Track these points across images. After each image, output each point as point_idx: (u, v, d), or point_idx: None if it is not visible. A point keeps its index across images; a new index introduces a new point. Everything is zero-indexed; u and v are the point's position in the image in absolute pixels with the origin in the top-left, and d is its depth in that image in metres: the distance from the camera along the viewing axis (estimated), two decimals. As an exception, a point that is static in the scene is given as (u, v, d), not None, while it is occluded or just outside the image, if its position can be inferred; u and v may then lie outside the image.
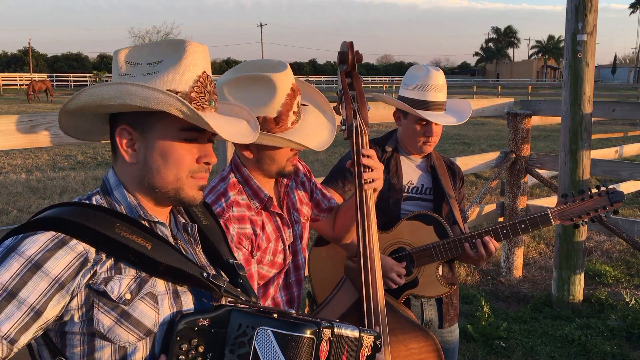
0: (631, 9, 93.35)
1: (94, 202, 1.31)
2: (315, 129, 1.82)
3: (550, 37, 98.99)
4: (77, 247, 1.19)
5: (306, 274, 2.10)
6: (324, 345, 1.24)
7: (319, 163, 11.33)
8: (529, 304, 4.74)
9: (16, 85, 47.57)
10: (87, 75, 55.31)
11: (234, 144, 1.84)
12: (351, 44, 1.86)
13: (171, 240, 1.35)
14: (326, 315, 1.92)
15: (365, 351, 1.42)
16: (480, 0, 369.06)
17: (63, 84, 54.06)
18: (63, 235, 1.19)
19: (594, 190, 2.37)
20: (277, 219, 1.88)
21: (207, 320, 1.23)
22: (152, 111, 1.25)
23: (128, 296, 1.21)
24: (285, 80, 1.73)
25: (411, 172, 2.47)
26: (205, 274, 1.29)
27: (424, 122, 2.36)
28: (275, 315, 1.24)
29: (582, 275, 4.69)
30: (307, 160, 11.76)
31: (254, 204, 1.81)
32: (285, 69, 1.74)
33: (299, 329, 1.20)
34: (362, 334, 1.41)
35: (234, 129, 1.34)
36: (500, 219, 5.42)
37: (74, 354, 1.22)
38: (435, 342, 1.96)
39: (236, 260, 1.50)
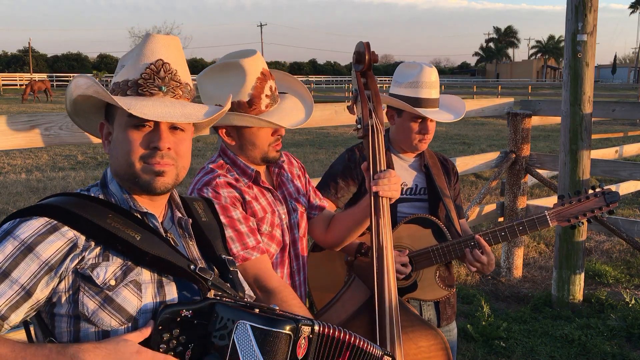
0: (631, 9, 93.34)
1: (92, 194, 1.39)
2: (290, 112, 1.89)
3: (550, 37, 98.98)
4: (68, 233, 1.26)
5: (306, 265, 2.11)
6: (302, 342, 1.26)
7: (319, 163, 11.32)
8: (529, 304, 4.74)
9: (16, 85, 47.54)
10: (87, 75, 55.21)
11: (217, 134, 1.92)
12: (368, 44, 1.88)
13: (162, 231, 1.40)
14: (336, 313, 1.93)
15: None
16: (479, 0, 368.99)
17: (63, 84, 54.01)
18: (56, 221, 1.26)
19: (590, 191, 2.39)
20: (270, 195, 1.94)
21: (190, 311, 1.26)
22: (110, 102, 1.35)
23: (113, 282, 1.27)
24: (255, 64, 1.80)
25: (404, 172, 2.45)
26: (192, 267, 1.34)
27: (420, 120, 2.35)
28: (257, 311, 1.26)
29: (582, 275, 4.69)
30: (307, 160, 11.76)
31: (243, 180, 1.88)
32: (254, 54, 1.82)
33: (277, 325, 1.22)
34: (385, 355, 1.46)
35: (166, 111, 1.33)
36: (500, 219, 5.42)
37: (62, 335, 1.27)
38: (444, 341, 1.97)
39: (229, 256, 1.53)
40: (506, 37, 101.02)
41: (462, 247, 2.31)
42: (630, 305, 4.58)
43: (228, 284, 1.42)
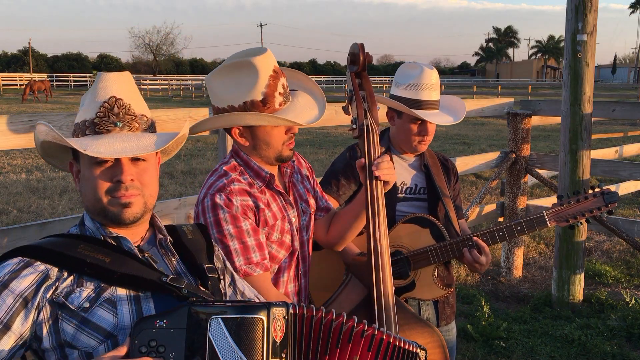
0: (631, 9, 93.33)
1: (70, 233, 1.47)
2: (304, 109, 1.86)
3: (550, 37, 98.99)
4: (39, 267, 1.33)
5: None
6: (278, 325, 1.26)
7: (319, 163, 11.32)
8: (529, 304, 4.74)
9: (16, 85, 47.50)
10: (87, 75, 55.28)
11: (230, 135, 1.89)
12: (362, 45, 1.89)
13: (136, 252, 1.44)
14: None
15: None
16: (479, 0, 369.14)
17: (63, 84, 54.03)
18: (28, 259, 1.33)
19: (589, 191, 2.38)
20: (282, 199, 1.91)
21: (165, 320, 1.25)
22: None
23: (87, 305, 1.32)
24: (267, 62, 1.77)
25: (404, 172, 2.45)
26: (163, 278, 1.37)
27: (420, 122, 2.35)
28: (229, 304, 1.27)
29: (582, 275, 4.69)
30: (307, 160, 11.75)
31: (257, 183, 1.85)
32: (265, 52, 1.79)
33: (247, 311, 1.23)
34: (419, 351, 1.49)
35: (123, 146, 1.38)
36: (500, 219, 5.42)
37: None
38: (441, 339, 1.98)
39: (212, 264, 1.54)
40: (506, 37, 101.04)
41: (460, 246, 2.31)
42: (630, 305, 4.58)
43: (208, 291, 1.43)
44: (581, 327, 4.23)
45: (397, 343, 1.46)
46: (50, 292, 1.31)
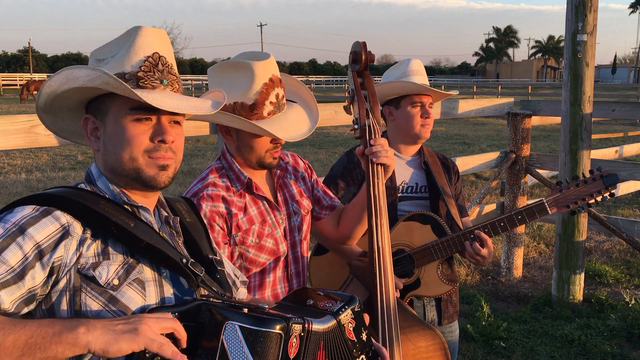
0: (631, 9, 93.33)
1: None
2: (293, 123, 1.86)
3: (550, 37, 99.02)
4: (61, 218, 1.22)
5: (307, 269, 2.10)
6: (294, 341, 1.23)
7: (319, 163, 11.32)
8: (529, 304, 4.74)
9: (16, 85, 47.46)
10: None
11: (219, 132, 1.90)
12: (364, 43, 1.88)
13: (155, 226, 1.38)
14: None
15: (350, 327, 1.42)
16: (478, 0, 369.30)
17: (63, 84, 53.96)
18: (47, 206, 1.23)
19: (588, 175, 2.36)
20: (265, 203, 1.90)
21: (177, 314, 1.22)
22: (105, 95, 1.31)
23: (116, 282, 1.24)
24: (265, 69, 1.78)
25: (404, 171, 2.45)
26: (184, 260, 1.32)
27: (419, 105, 2.37)
28: (246, 310, 1.23)
29: (582, 275, 4.69)
30: (306, 160, 11.74)
31: (235, 186, 1.85)
32: (267, 58, 1.80)
33: (266, 324, 1.20)
34: (339, 318, 1.39)
35: (178, 103, 1.31)
36: (500, 219, 5.42)
37: None
38: (442, 341, 1.97)
39: (216, 256, 1.50)
40: (506, 37, 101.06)
41: (462, 240, 2.31)
42: (630, 305, 4.58)
43: (216, 283, 1.39)
44: (581, 327, 4.23)
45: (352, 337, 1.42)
46: (75, 258, 1.21)
